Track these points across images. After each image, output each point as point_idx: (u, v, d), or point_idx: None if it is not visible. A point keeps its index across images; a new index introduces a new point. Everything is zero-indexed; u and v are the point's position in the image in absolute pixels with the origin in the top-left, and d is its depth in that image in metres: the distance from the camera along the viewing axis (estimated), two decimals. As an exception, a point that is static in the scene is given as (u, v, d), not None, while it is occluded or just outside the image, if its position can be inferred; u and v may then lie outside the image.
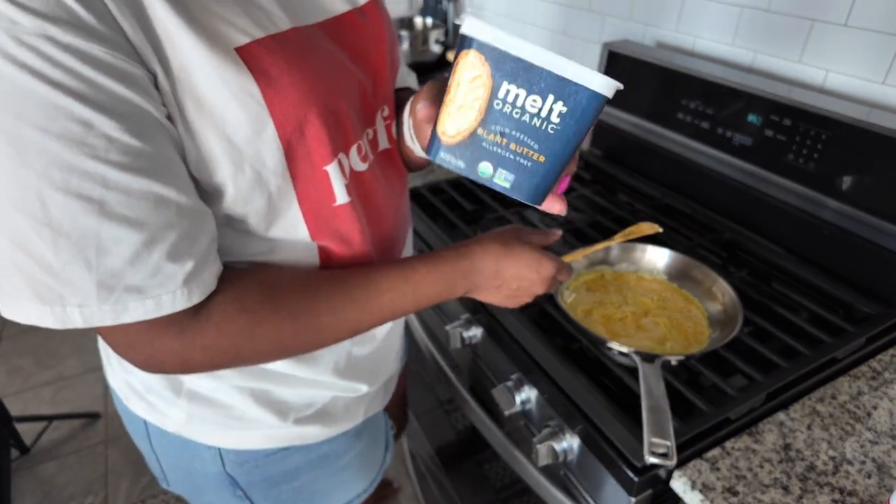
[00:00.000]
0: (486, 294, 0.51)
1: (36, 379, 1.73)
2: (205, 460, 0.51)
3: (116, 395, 0.55)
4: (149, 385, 0.49)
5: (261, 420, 0.49)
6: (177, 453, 0.52)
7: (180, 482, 0.56)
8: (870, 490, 0.51)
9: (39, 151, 0.30)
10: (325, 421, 0.53)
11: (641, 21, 1.13)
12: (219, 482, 0.52)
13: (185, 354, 0.38)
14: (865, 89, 0.80)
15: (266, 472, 0.52)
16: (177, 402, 0.48)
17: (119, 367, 0.51)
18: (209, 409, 0.48)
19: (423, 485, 1.30)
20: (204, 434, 0.50)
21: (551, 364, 0.63)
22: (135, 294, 0.34)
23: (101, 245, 0.33)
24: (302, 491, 0.56)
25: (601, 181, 1.07)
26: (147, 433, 0.53)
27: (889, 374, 0.65)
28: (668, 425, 0.50)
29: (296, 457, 0.53)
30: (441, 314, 0.89)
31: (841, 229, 0.77)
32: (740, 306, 0.64)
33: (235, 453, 0.51)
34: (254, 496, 0.54)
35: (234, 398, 0.48)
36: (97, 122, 0.31)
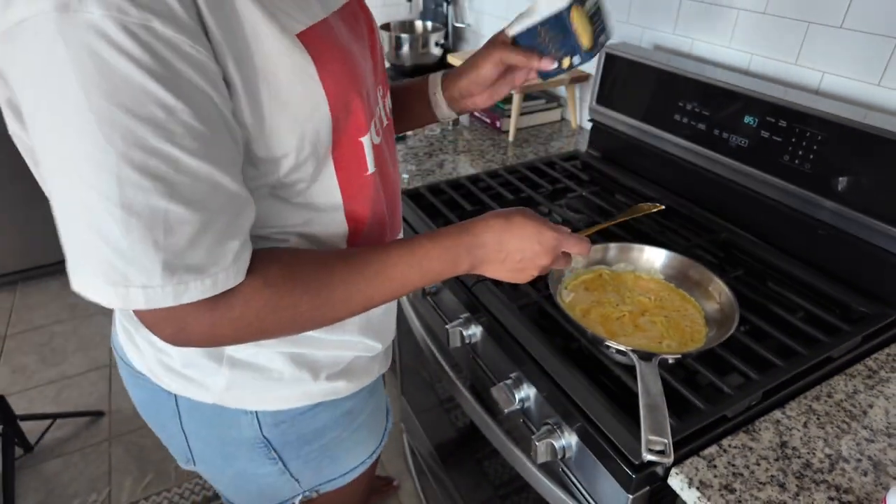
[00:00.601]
0: (491, 269, 0.52)
1: (40, 377, 1.74)
2: (241, 426, 0.54)
3: (140, 379, 0.56)
4: (188, 360, 0.51)
5: (297, 378, 0.53)
6: (210, 425, 0.55)
7: (209, 456, 0.59)
8: (866, 488, 0.51)
9: (125, 133, 0.33)
10: (349, 377, 0.57)
11: (639, 24, 1.13)
12: (253, 447, 0.56)
13: (214, 329, 0.40)
14: (861, 91, 0.81)
15: (299, 430, 0.56)
16: (218, 371, 0.51)
17: (150, 347, 0.53)
18: (250, 373, 0.51)
19: (424, 481, 1.30)
20: (242, 400, 0.53)
21: (550, 363, 0.64)
22: (194, 274, 0.37)
23: (169, 225, 0.35)
24: (328, 448, 0.60)
25: (599, 182, 1.08)
26: (177, 411, 0.55)
27: (885, 372, 0.65)
28: (665, 423, 0.51)
29: (324, 414, 0.57)
30: (441, 314, 0.90)
31: (837, 229, 0.78)
32: (736, 305, 0.65)
33: (272, 415, 0.54)
34: (286, 456, 0.57)
35: (274, 361, 0.52)
36: (178, 109, 0.34)
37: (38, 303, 2.07)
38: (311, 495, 0.65)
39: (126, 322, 0.56)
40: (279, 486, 0.62)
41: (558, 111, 1.38)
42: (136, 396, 0.60)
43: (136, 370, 0.57)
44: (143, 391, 0.58)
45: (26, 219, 2.02)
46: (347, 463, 0.65)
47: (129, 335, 0.56)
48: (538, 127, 1.36)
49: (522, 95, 1.26)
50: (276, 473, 0.59)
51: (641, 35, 1.14)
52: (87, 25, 0.30)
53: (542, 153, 1.22)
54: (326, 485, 0.64)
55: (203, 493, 1.40)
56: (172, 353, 0.52)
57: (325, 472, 0.63)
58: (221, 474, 0.61)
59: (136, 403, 0.61)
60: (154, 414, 0.59)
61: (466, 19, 1.77)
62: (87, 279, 0.36)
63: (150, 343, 0.53)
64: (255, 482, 0.61)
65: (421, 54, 1.65)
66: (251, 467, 0.58)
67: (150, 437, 1.55)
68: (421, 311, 0.97)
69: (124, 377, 0.61)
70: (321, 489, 0.64)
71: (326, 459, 0.62)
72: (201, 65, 0.35)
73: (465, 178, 1.04)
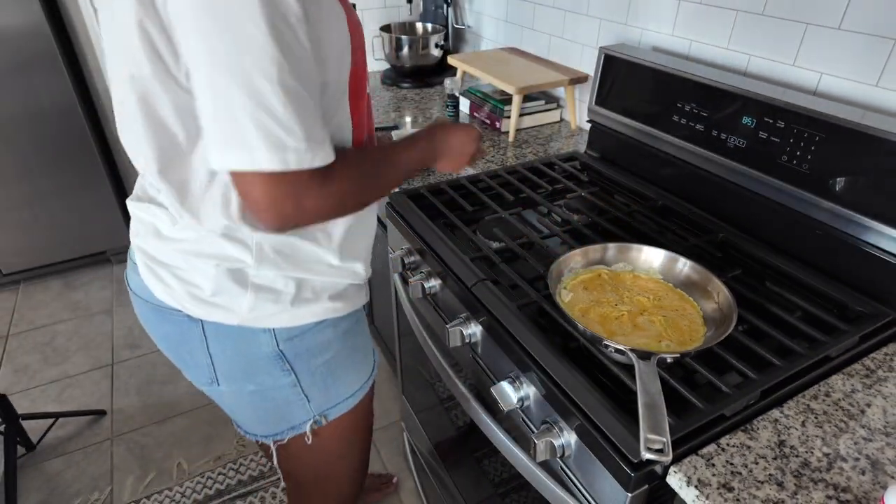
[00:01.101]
0: (444, 161, 0.74)
1: (42, 376, 1.75)
2: (261, 343, 0.64)
3: (166, 314, 0.65)
4: (217, 288, 0.61)
5: (306, 299, 0.64)
6: (234, 345, 0.65)
7: (233, 374, 0.67)
8: (864, 487, 0.52)
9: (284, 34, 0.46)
10: (344, 300, 0.69)
11: (638, 25, 1.14)
12: (271, 360, 0.66)
13: (320, 201, 0.52)
14: (859, 92, 0.81)
15: (307, 343, 0.67)
16: (244, 295, 0.61)
17: (179, 282, 0.62)
18: (269, 295, 0.62)
19: (424, 480, 1.31)
20: (261, 320, 0.63)
21: (549, 362, 0.64)
22: (318, 144, 0.50)
23: (305, 105, 0.48)
24: (331, 365, 0.70)
25: (598, 183, 1.08)
26: (204, 337, 0.64)
27: (882, 371, 0.65)
28: (663, 422, 0.51)
29: (327, 330, 0.68)
30: (441, 313, 0.91)
31: (834, 229, 0.78)
32: (735, 305, 0.65)
33: (286, 331, 0.65)
34: (298, 368, 0.67)
35: (288, 285, 0.63)
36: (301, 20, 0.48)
37: (40, 302, 2.07)
38: (321, 421, 0.73)
39: (154, 265, 0.64)
40: (292, 403, 0.70)
41: (557, 112, 1.39)
42: (161, 331, 0.68)
43: (162, 306, 0.65)
44: (169, 325, 0.66)
45: (29, 219, 2.02)
46: (348, 385, 0.73)
47: (156, 276, 0.64)
48: (537, 128, 1.36)
49: (522, 96, 1.27)
50: (290, 387, 0.68)
51: (640, 36, 1.14)
52: None
53: (542, 154, 1.22)
54: (332, 410, 0.73)
55: (205, 491, 1.41)
56: (201, 285, 0.61)
57: (330, 393, 0.71)
58: (242, 392, 0.68)
59: (160, 338, 0.70)
60: (180, 344, 0.67)
61: (466, 21, 1.77)
62: (254, 153, 0.47)
63: (178, 279, 0.62)
64: (271, 398, 0.69)
65: (421, 56, 1.65)
66: (269, 380, 0.67)
67: (151, 435, 1.55)
68: (421, 311, 0.98)
69: (146, 316, 0.69)
70: (328, 414, 0.73)
71: (330, 378, 0.71)
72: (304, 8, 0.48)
73: (465, 178, 1.05)
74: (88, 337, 1.91)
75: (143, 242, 0.65)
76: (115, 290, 2.14)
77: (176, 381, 1.73)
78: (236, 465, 1.47)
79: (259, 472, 1.45)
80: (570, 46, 1.35)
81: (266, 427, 0.73)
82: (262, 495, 1.40)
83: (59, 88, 1.86)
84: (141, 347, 1.87)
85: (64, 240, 2.12)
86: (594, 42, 1.27)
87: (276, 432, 0.72)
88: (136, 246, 0.66)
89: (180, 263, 0.62)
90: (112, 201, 2.12)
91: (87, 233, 2.14)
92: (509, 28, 1.56)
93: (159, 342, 0.71)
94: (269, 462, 0.98)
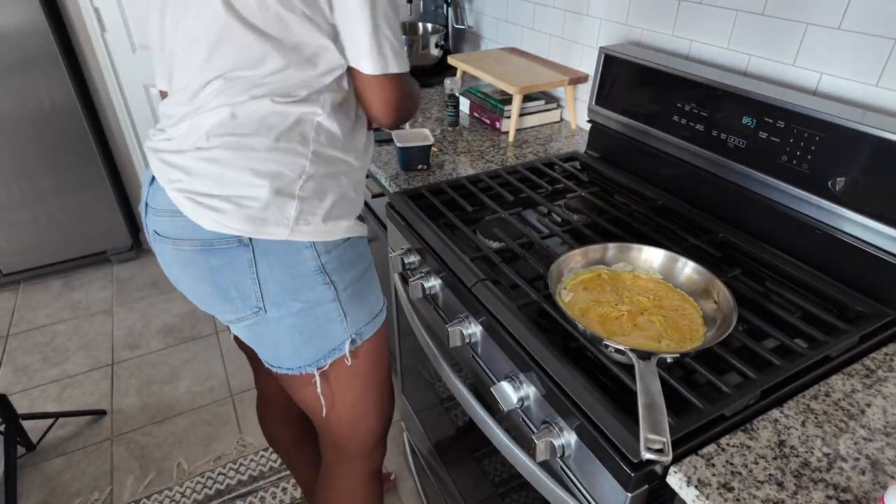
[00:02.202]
0: None
1: (42, 376, 1.75)
2: (305, 258, 0.71)
3: (212, 246, 0.69)
4: (269, 202, 0.68)
5: (339, 215, 0.73)
6: (281, 262, 0.70)
7: (280, 293, 0.72)
8: (864, 487, 0.52)
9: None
10: (361, 222, 0.78)
11: (638, 25, 1.14)
12: (314, 274, 0.72)
13: (403, 94, 0.71)
14: (859, 92, 0.81)
15: (340, 258, 0.74)
16: (292, 205, 0.68)
17: (235, 207, 0.68)
18: (311, 206, 0.70)
19: (424, 479, 1.31)
20: (305, 234, 0.70)
21: (549, 362, 0.64)
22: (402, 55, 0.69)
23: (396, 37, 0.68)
24: (360, 280, 0.77)
25: (598, 183, 1.08)
26: (253, 259, 0.69)
27: (882, 371, 0.65)
28: (663, 422, 0.51)
29: (354, 247, 0.76)
30: (441, 313, 0.91)
31: (834, 229, 0.79)
32: (735, 305, 0.65)
33: (324, 244, 0.72)
34: (335, 280, 0.74)
35: (325, 199, 0.71)
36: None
37: (40, 302, 2.07)
38: (357, 341, 0.79)
39: (205, 199, 0.68)
40: (332, 321, 0.75)
41: (557, 112, 1.39)
42: (206, 267, 0.71)
43: (212, 237, 0.69)
44: (216, 257, 0.70)
45: (29, 219, 2.03)
46: (373, 303, 0.80)
47: (207, 207, 0.68)
48: (537, 128, 1.36)
49: (522, 96, 1.27)
50: (330, 301, 0.74)
51: (640, 36, 1.14)
52: None
53: (542, 154, 1.22)
54: (365, 328, 0.79)
55: (205, 491, 1.41)
56: (252, 204, 0.68)
57: (361, 310, 0.78)
58: (288, 313, 0.73)
59: (202, 277, 0.73)
60: (227, 275, 0.71)
61: (466, 21, 1.77)
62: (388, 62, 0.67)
63: (232, 203, 0.68)
64: (315, 315, 0.74)
65: (421, 55, 1.65)
66: (312, 296, 0.73)
67: (151, 435, 1.56)
68: (421, 311, 0.98)
69: (184, 259, 0.72)
70: (363, 333, 0.79)
71: (361, 294, 0.78)
72: None
73: (465, 178, 1.05)
74: (88, 337, 1.91)
75: (186, 184, 0.69)
76: (115, 290, 2.14)
77: (176, 381, 1.73)
78: (236, 465, 1.47)
79: (259, 472, 1.45)
80: (570, 46, 1.35)
81: (310, 352, 0.76)
82: (262, 495, 1.40)
83: (59, 88, 1.86)
84: (141, 347, 1.87)
85: (64, 240, 2.12)
86: (594, 42, 1.27)
87: (319, 357, 0.77)
88: (179, 190, 0.69)
89: (232, 182, 0.67)
90: (112, 201, 2.12)
91: (87, 233, 2.14)
92: (509, 28, 1.56)
93: (201, 283, 0.73)
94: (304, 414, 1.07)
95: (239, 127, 0.66)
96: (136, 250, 2.33)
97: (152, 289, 2.14)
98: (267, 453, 1.50)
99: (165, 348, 1.86)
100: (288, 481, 1.43)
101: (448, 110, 1.36)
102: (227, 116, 0.66)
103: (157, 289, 2.14)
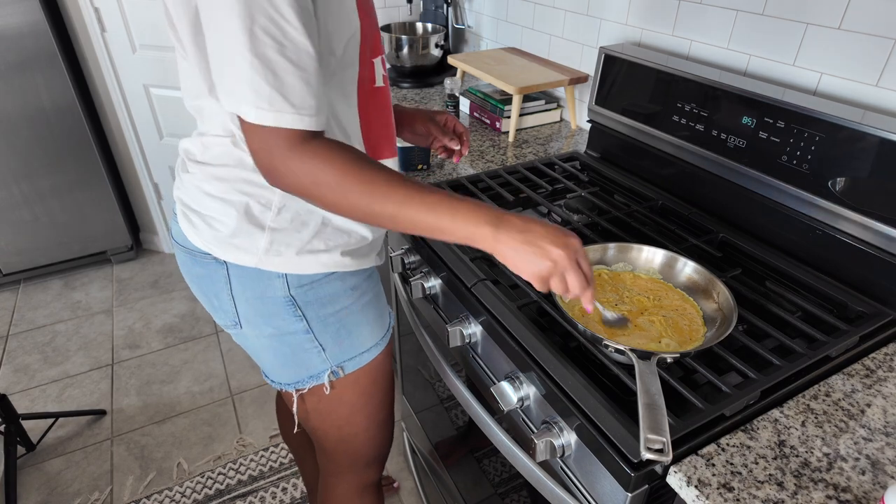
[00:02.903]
0: (512, 239, 0.56)
1: (42, 376, 1.75)
2: (275, 287, 0.68)
3: (198, 257, 0.70)
4: (237, 229, 0.65)
5: (317, 249, 0.68)
6: (253, 286, 0.69)
7: (252, 315, 0.71)
8: (864, 487, 0.52)
9: (262, 7, 0.48)
10: (352, 256, 0.71)
11: (638, 25, 1.14)
12: (284, 304, 0.69)
13: (284, 166, 0.53)
14: (859, 92, 0.81)
15: (317, 292, 0.70)
16: (261, 236, 0.65)
17: (206, 226, 0.67)
18: (284, 238, 0.66)
19: (424, 480, 1.31)
20: (275, 265, 0.67)
21: (549, 362, 0.64)
22: (291, 108, 0.51)
23: (275, 71, 0.50)
24: (342, 317, 0.73)
25: (598, 183, 1.08)
26: (227, 277, 0.69)
27: (882, 371, 0.65)
28: (663, 422, 0.51)
29: (336, 283, 0.71)
30: (441, 313, 0.91)
31: (834, 229, 0.78)
32: (735, 305, 0.65)
33: (297, 277, 0.68)
34: (309, 315, 0.71)
35: (302, 232, 0.66)
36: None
37: (40, 302, 2.07)
38: (338, 372, 0.76)
39: (187, 210, 0.69)
40: (308, 350, 0.73)
41: (557, 112, 1.39)
42: (194, 273, 0.73)
43: (195, 250, 0.70)
44: (201, 267, 0.71)
45: (29, 219, 2.03)
46: (362, 340, 0.76)
47: (189, 220, 0.69)
48: (537, 128, 1.36)
49: (522, 96, 1.27)
50: (302, 332, 0.71)
51: (640, 36, 1.14)
52: None
53: (542, 154, 1.22)
54: (348, 363, 0.76)
55: (205, 491, 1.41)
56: (221, 229, 0.66)
57: (344, 346, 0.74)
58: (262, 335, 0.72)
59: (193, 280, 0.75)
60: (209, 285, 0.72)
61: (466, 21, 1.77)
62: (230, 100, 0.52)
63: (205, 222, 0.68)
64: (288, 343, 0.72)
65: (421, 55, 1.65)
66: (283, 325, 0.71)
67: (151, 435, 1.56)
68: (421, 311, 0.98)
69: (183, 261, 0.74)
70: (345, 367, 0.76)
71: (343, 330, 0.73)
72: None
73: (465, 178, 1.05)
74: (88, 337, 1.91)
75: (180, 189, 0.71)
76: (115, 290, 2.14)
77: (176, 381, 1.73)
78: (236, 465, 1.47)
79: (259, 472, 1.45)
80: (571, 46, 1.35)
81: (288, 374, 0.76)
82: (262, 495, 1.40)
83: (59, 88, 1.86)
84: (141, 347, 1.87)
85: (64, 240, 2.12)
86: (594, 42, 1.27)
87: (298, 380, 0.76)
88: (176, 197, 0.72)
89: (206, 204, 0.67)
90: (113, 201, 2.12)
91: (87, 233, 2.14)
92: (509, 28, 1.56)
93: (193, 286, 0.76)
94: (294, 422, 1.03)
95: (211, 158, 0.66)
96: (136, 250, 2.33)
97: (152, 289, 2.14)
98: (267, 453, 1.51)
99: (165, 348, 1.86)
100: (288, 481, 1.43)
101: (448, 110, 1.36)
102: (200, 147, 0.66)
103: (157, 289, 2.14)
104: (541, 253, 0.55)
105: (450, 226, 0.56)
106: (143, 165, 2.13)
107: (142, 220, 2.31)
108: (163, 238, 2.34)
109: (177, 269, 2.26)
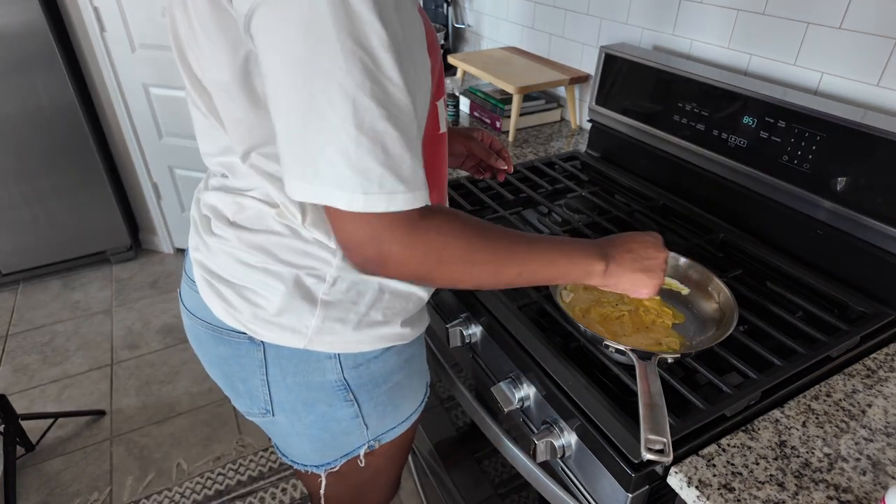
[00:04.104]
0: (622, 267, 0.59)
1: (42, 376, 1.75)
2: (325, 370, 0.59)
3: (223, 335, 0.60)
4: (284, 305, 0.55)
5: (376, 322, 0.59)
6: (296, 371, 0.59)
7: (291, 403, 0.62)
8: (865, 487, 0.52)
9: (363, 67, 0.39)
10: (412, 324, 0.63)
11: (638, 24, 1.14)
12: (334, 389, 0.61)
13: (405, 252, 0.46)
14: (860, 91, 0.81)
15: (372, 372, 0.62)
16: (312, 313, 0.56)
17: (245, 303, 0.57)
18: (338, 314, 0.57)
19: (424, 480, 1.31)
20: (328, 344, 0.58)
21: (550, 362, 0.64)
22: (403, 185, 0.42)
23: (385, 144, 0.41)
24: (392, 393, 0.65)
25: (599, 183, 1.08)
26: (263, 361, 0.59)
27: (883, 372, 0.65)
28: (664, 422, 0.51)
29: (393, 358, 0.63)
30: (441, 313, 0.90)
31: (835, 229, 0.78)
32: (735, 305, 0.65)
33: (352, 357, 0.59)
34: (361, 398, 0.62)
35: (359, 305, 0.57)
36: (391, 50, 0.41)
37: (39, 302, 2.07)
38: (374, 446, 0.68)
39: (215, 280, 0.59)
40: (351, 433, 0.65)
41: (558, 111, 1.39)
42: (215, 353, 0.63)
43: (222, 327, 0.60)
44: (225, 346, 0.61)
45: (29, 219, 2.02)
46: (404, 410, 0.69)
47: (217, 294, 0.59)
48: (538, 127, 1.36)
49: (522, 96, 1.26)
50: (351, 417, 0.63)
51: (641, 36, 1.14)
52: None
53: (542, 153, 1.22)
54: (385, 434, 0.68)
55: (204, 491, 1.41)
56: (265, 305, 0.56)
57: (387, 420, 0.67)
58: (299, 422, 0.64)
59: (212, 362, 0.64)
60: (236, 368, 0.62)
61: (466, 20, 1.77)
62: (324, 188, 0.42)
63: (241, 297, 0.57)
64: (330, 428, 0.64)
65: (421, 55, 1.65)
66: (330, 411, 0.62)
67: (150, 436, 1.55)
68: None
69: (198, 336, 0.64)
70: (382, 439, 0.68)
71: (390, 406, 0.66)
72: None
73: (465, 178, 1.05)
74: (88, 337, 1.91)
75: (202, 253, 0.60)
76: (115, 290, 2.14)
77: (176, 381, 1.73)
78: (236, 466, 1.47)
79: (259, 473, 1.45)
80: (571, 46, 1.35)
81: (319, 457, 0.67)
82: (262, 495, 1.39)
83: (59, 88, 1.86)
84: (140, 347, 1.86)
85: (64, 240, 2.12)
86: (595, 41, 1.27)
87: (329, 461, 0.67)
88: (196, 261, 0.60)
89: (243, 276, 0.56)
90: (112, 201, 2.12)
91: (86, 233, 2.14)
92: (509, 27, 1.56)
93: (210, 366, 0.65)
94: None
95: (248, 222, 0.55)
96: (136, 250, 2.33)
97: (152, 289, 2.14)
98: (266, 454, 1.50)
99: (165, 348, 1.86)
100: (288, 482, 1.43)
101: (448, 110, 1.36)
102: (232, 206, 0.55)
103: (156, 289, 2.14)
104: (651, 273, 0.60)
105: (566, 273, 0.57)
106: (143, 165, 2.12)
107: (141, 220, 2.31)
108: (162, 238, 2.33)
109: (176, 269, 2.26)
